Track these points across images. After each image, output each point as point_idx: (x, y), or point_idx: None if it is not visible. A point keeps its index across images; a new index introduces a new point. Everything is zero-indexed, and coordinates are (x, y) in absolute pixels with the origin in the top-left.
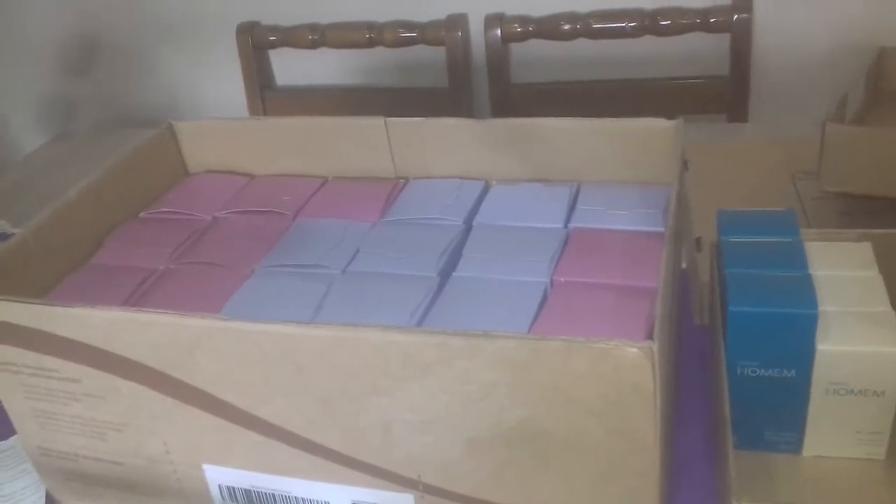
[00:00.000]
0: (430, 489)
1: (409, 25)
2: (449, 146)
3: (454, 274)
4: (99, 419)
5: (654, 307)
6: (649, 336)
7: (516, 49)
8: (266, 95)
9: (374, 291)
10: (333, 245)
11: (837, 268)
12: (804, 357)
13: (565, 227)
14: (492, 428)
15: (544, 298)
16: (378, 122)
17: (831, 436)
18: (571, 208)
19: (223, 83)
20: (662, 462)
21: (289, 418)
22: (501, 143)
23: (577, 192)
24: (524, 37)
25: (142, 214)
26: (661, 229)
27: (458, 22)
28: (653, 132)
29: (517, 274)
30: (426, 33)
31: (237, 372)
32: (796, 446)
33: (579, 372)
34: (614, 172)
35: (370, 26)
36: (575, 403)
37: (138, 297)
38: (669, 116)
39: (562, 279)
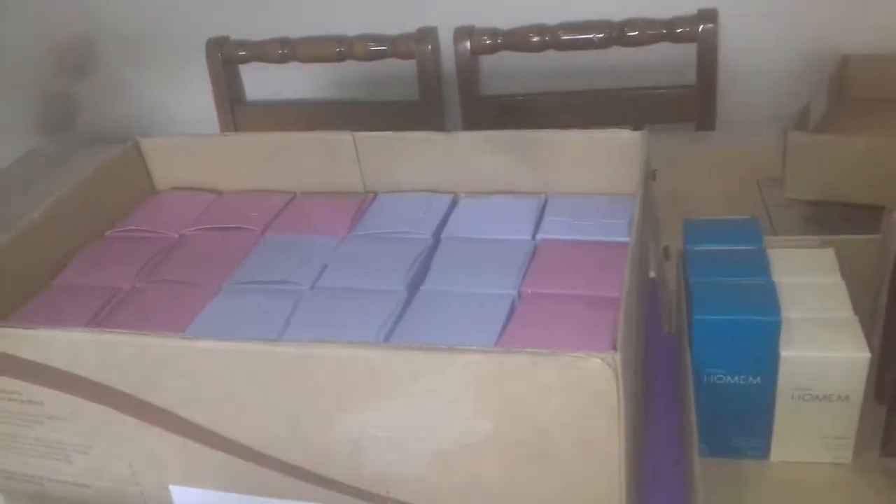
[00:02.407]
0: None
1: (379, 39)
2: (418, 160)
3: (422, 287)
4: (63, 441)
5: (619, 317)
6: (614, 346)
7: (486, 61)
8: (236, 110)
9: (341, 307)
10: (301, 261)
11: (801, 274)
12: (769, 364)
13: (533, 238)
14: (459, 442)
15: (512, 310)
16: (346, 136)
17: (798, 441)
18: (539, 220)
19: (193, 99)
20: (629, 472)
21: (256, 437)
22: (470, 156)
23: (545, 203)
24: (494, 49)
25: (107, 233)
26: (627, 239)
27: (428, 35)
28: (619, 143)
29: (485, 287)
30: (396, 47)
31: (203, 391)
32: (763, 452)
33: (545, 384)
34: (582, 183)
35: (340, 40)
36: (541, 415)
37: (103, 317)
38: (638, 126)
39: (529, 291)
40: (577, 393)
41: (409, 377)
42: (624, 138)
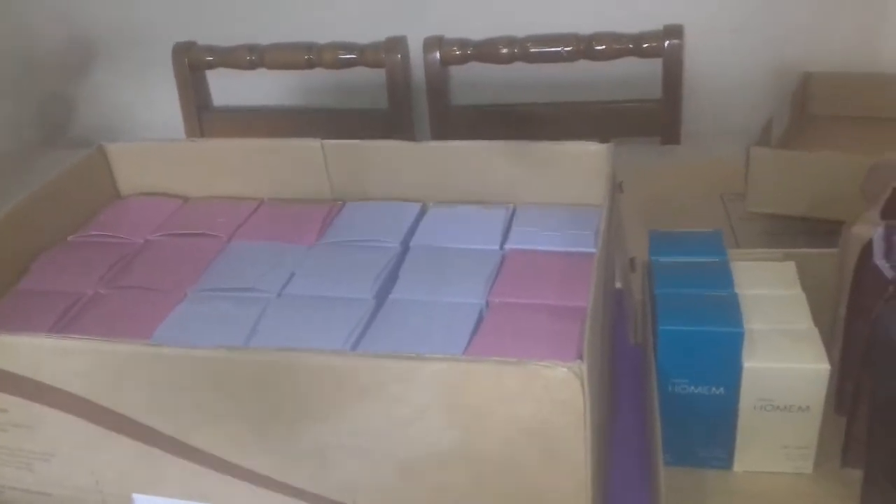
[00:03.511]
0: None
1: (348, 47)
2: (387, 168)
3: (390, 296)
4: (26, 449)
5: (585, 327)
6: (580, 356)
7: (455, 71)
8: (203, 116)
9: (309, 315)
10: (268, 268)
11: (763, 286)
12: (732, 374)
13: (501, 248)
14: (426, 451)
15: (480, 320)
16: (315, 143)
17: (760, 451)
18: (507, 230)
19: (159, 104)
20: (595, 480)
21: (220, 445)
22: (439, 166)
23: (513, 213)
24: (463, 60)
25: (70, 238)
26: (594, 250)
27: (397, 44)
28: (586, 155)
29: (453, 296)
30: (366, 55)
31: (167, 399)
32: (727, 462)
33: (511, 392)
34: (549, 194)
35: (309, 47)
36: (507, 424)
37: (66, 322)
38: (604, 139)
39: (497, 300)
40: (544, 401)
41: (376, 386)
42: (591, 150)
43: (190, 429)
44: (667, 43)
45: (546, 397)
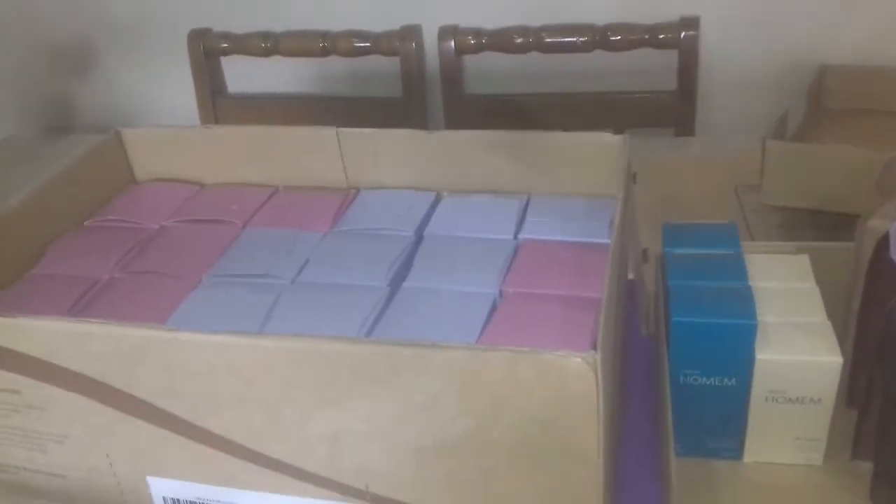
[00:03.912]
0: (377, 499)
1: (363, 35)
2: (401, 157)
3: (404, 285)
4: (40, 431)
5: (599, 318)
6: (594, 346)
7: (470, 61)
8: (218, 103)
9: (323, 302)
10: (283, 255)
11: (776, 279)
12: (744, 366)
13: (515, 238)
14: (439, 438)
15: (493, 309)
16: (330, 131)
17: (771, 442)
18: (521, 220)
19: (174, 91)
20: (607, 470)
21: (234, 429)
22: (453, 155)
23: (527, 204)
24: (478, 49)
25: (87, 223)
26: (608, 241)
27: (412, 33)
28: (600, 146)
29: (467, 285)
30: (380, 43)
31: (182, 383)
32: (737, 453)
33: (525, 382)
34: (563, 185)
35: (324, 35)
36: (520, 413)
37: (82, 307)
38: (619, 129)
39: (510, 290)
40: (557, 392)
41: (390, 372)
42: (606, 141)
43: (204, 413)
44: (683, 34)
45: (560, 387)
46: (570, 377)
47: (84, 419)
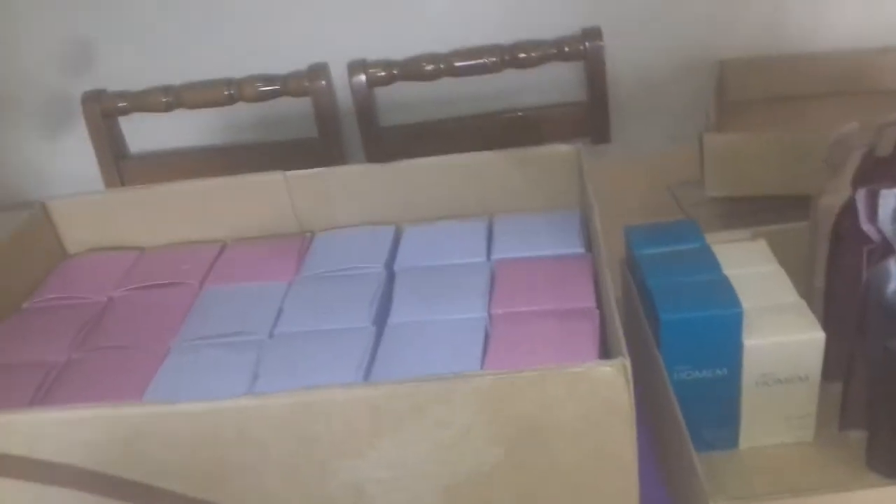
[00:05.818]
0: None
1: (269, 79)
2: (354, 194)
3: (389, 321)
4: None
5: (598, 327)
6: (601, 355)
7: (382, 93)
8: (122, 166)
9: (308, 351)
10: (252, 309)
11: (743, 266)
12: (733, 354)
13: (488, 260)
14: (471, 472)
15: (486, 333)
16: (277, 176)
17: (764, 425)
18: (490, 241)
19: (72, 157)
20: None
21: (248, 498)
22: (407, 185)
23: (491, 224)
24: (389, 80)
25: (24, 305)
26: (581, 251)
27: (320, 71)
28: (555, 158)
29: (453, 313)
30: (288, 85)
31: (186, 458)
32: (732, 441)
33: (556, 399)
34: (523, 201)
35: (228, 82)
36: (552, 432)
37: (43, 394)
38: (537, 144)
39: (499, 311)
40: (590, 403)
41: (415, 411)
42: (561, 152)
43: (212, 485)
44: (586, 45)
45: (592, 399)
46: (602, 387)
47: None
